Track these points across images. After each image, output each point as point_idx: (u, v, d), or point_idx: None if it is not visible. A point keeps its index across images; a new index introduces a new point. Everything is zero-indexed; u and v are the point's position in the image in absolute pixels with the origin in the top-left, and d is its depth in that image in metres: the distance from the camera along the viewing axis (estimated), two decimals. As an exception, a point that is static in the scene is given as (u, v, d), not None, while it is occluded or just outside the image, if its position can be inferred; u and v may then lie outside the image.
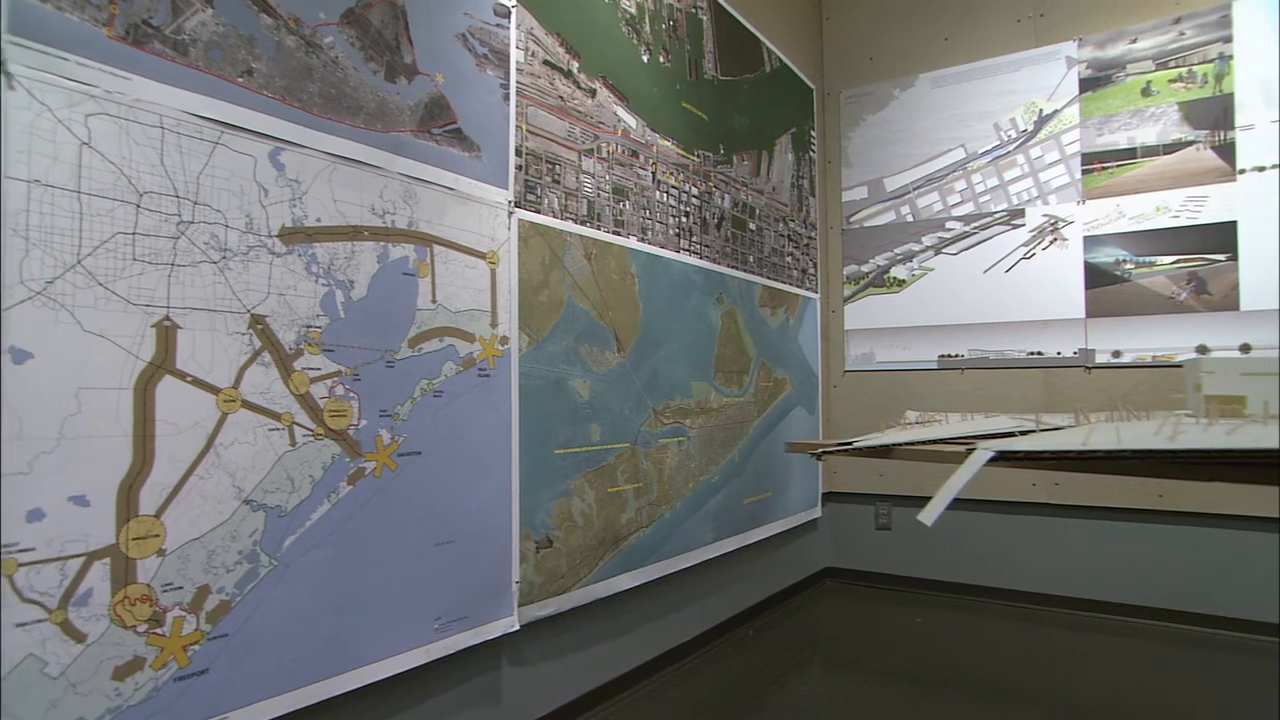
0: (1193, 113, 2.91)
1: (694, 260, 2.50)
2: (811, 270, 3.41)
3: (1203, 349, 2.94)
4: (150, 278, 1.12)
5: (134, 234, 1.10)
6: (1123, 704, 2.23)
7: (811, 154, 3.47)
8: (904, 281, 3.45)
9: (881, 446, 0.73)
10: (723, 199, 2.68)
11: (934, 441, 0.71)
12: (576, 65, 2.03)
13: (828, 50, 3.69)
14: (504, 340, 1.77)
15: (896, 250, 3.47)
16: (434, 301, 1.59)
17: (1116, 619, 2.96)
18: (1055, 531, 3.10)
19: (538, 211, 1.89)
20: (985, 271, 3.29)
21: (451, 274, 1.64)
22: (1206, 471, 0.59)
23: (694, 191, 2.52)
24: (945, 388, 3.32)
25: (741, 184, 2.81)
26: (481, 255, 1.72)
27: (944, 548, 3.31)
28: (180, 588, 1.14)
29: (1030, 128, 3.21)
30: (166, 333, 1.14)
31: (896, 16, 3.52)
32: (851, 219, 3.58)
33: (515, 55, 1.82)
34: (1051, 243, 3.16)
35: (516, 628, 1.78)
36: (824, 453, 0.82)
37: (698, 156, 2.55)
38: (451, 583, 1.61)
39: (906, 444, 0.72)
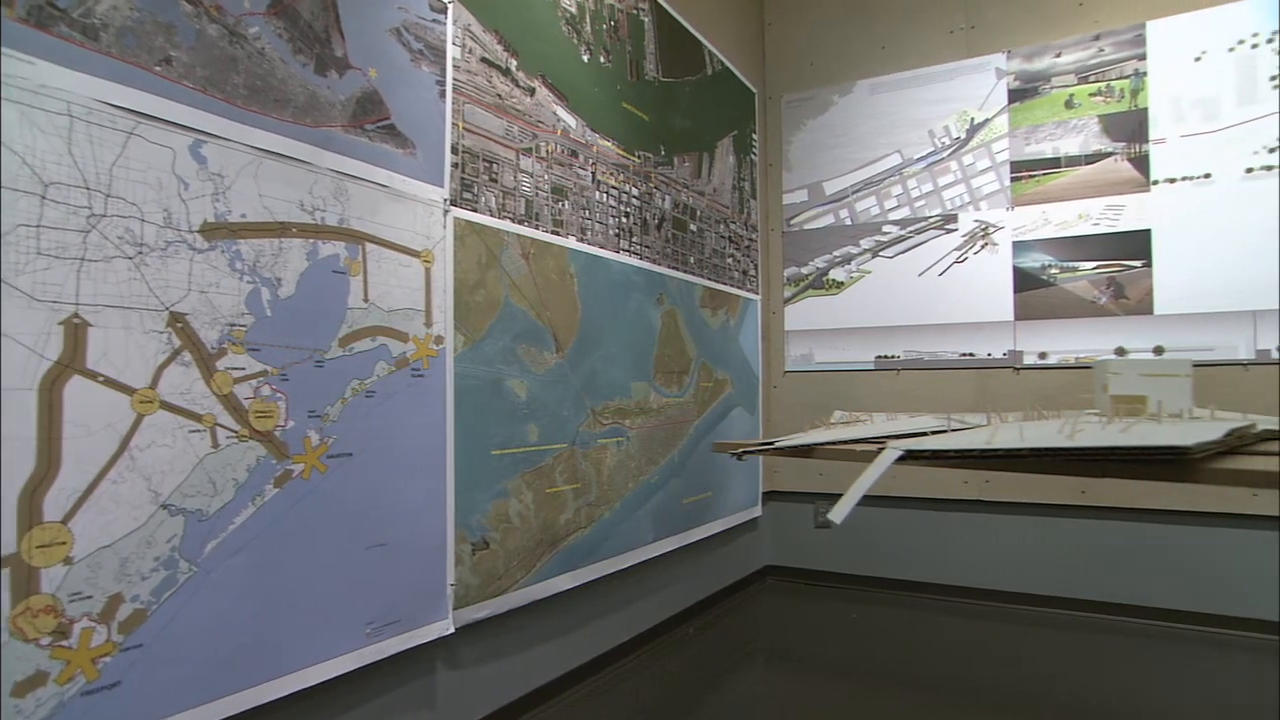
0: (1111, 126, 3.05)
1: (634, 261, 2.51)
2: (752, 272, 3.46)
3: (1120, 351, 3.07)
4: (57, 273, 1.07)
5: (38, 226, 1.05)
6: (1051, 693, 2.32)
7: (753, 157, 3.51)
8: (842, 284, 3.52)
9: (803, 446, 0.74)
10: (663, 200, 2.69)
11: (851, 441, 0.73)
12: (515, 63, 2.02)
13: (769, 55, 3.74)
14: (439, 340, 1.75)
15: (835, 253, 3.54)
16: (366, 300, 1.56)
17: (1043, 610, 3.07)
18: (986, 527, 3.21)
19: (474, 210, 1.87)
20: (920, 274, 3.38)
21: (384, 272, 1.61)
22: (1100, 468, 0.62)
23: (634, 192, 2.53)
24: (882, 388, 3.40)
25: (682, 185, 2.83)
26: (416, 254, 1.70)
27: (881, 545, 3.39)
28: (89, 597, 1.09)
29: (963, 135, 3.31)
30: (75, 330, 1.09)
31: (836, 24, 3.59)
32: (792, 221, 3.64)
33: (452, 52, 1.80)
34: (982, 247, 3.27)
35: (452, 630, 1.76)
36: (745, 452, 0.83)
37: (638, 157, 2.56)
38: (384, 586, 1.59)
39: (826, 444, 0.73)
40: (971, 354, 3.27)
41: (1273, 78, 2.78)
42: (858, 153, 3.52)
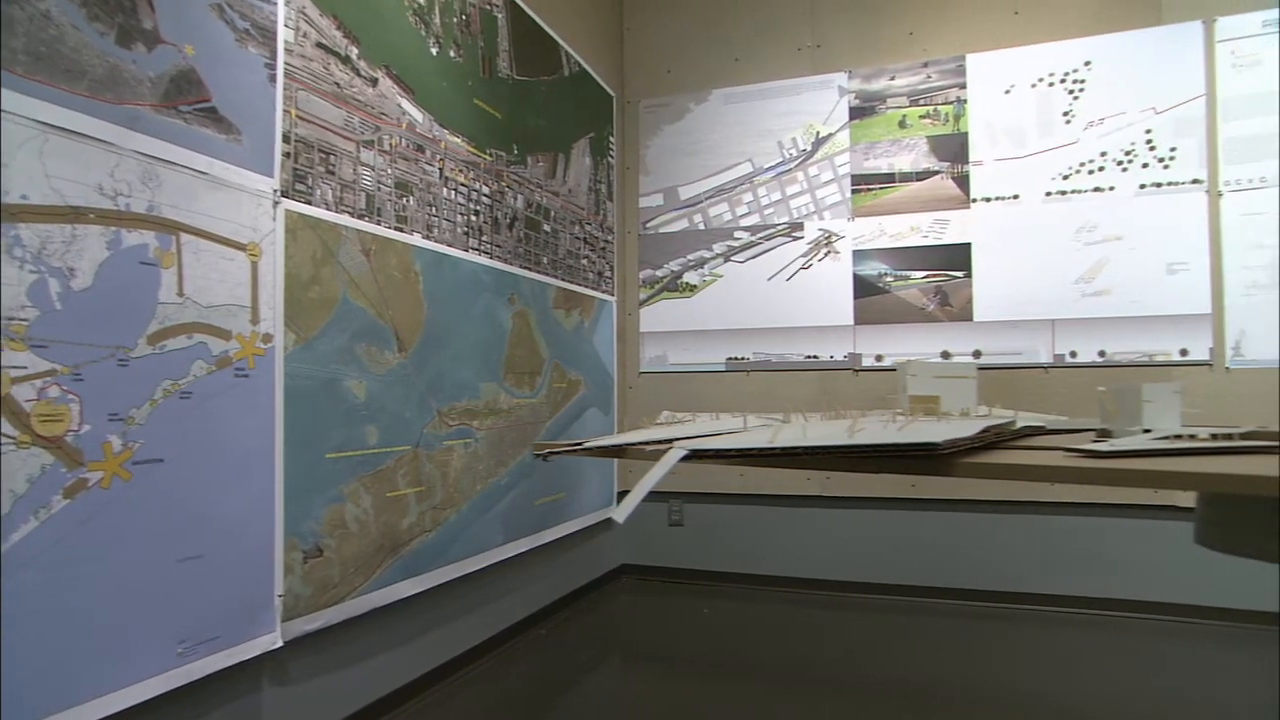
0: (938, 146, 3.31)
1: (484, 260, 2.47)
2: (608, 273, 3.49)
3: (945, 354, 3.37)
4: None
5: None
6: (891, 675, 2.49)
7: (610, 159, 3.55)
8: (695, 287, 3.63)
9: (613, 446, 0.76)
10: (516, 199, 2.67)
11: (646, 442, 0.76)
12: (356, 51, 1.94)
13: (628, 60, 3.80)
14: (267, 338, 1.65)
15: (689, 256, 3.65)
16: (181, 295, 1.45)
17: (881, 598, 3.29)
18: (827, 521, 3.40)
19: (309, 203, 1.78)
20: (769, 279, 3.53)
21: (203, 265, 1.50)
22: (875, 464, 0.68)
23: (485, 190, 2.49)
24: (733, 389, 3.53)
25: (536, 185, 2.82)
26: (241, 246, 1.59)
27: (733, 541, 3.52)
28: None
29: (809, 148, 3.50)
30: None
31: (693, 34, 3.69)
32: (648, 225, 3.72)
33: (284, 34, 1.70)
34: (826, 255, 3.46)
35: (280, 644, 1.67)
36: (551, 453, 0.84)
37: (490, 155, 2.52)
38: (199, 601, 1.48)
39: (634, 444, 0.76)
40: (816, 356, 3.45)
41: (1065, 113, 3.12)
42: (712, 160, 3.63)
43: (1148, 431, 0.85)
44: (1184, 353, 2.96)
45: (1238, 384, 2.89)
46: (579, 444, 0.82)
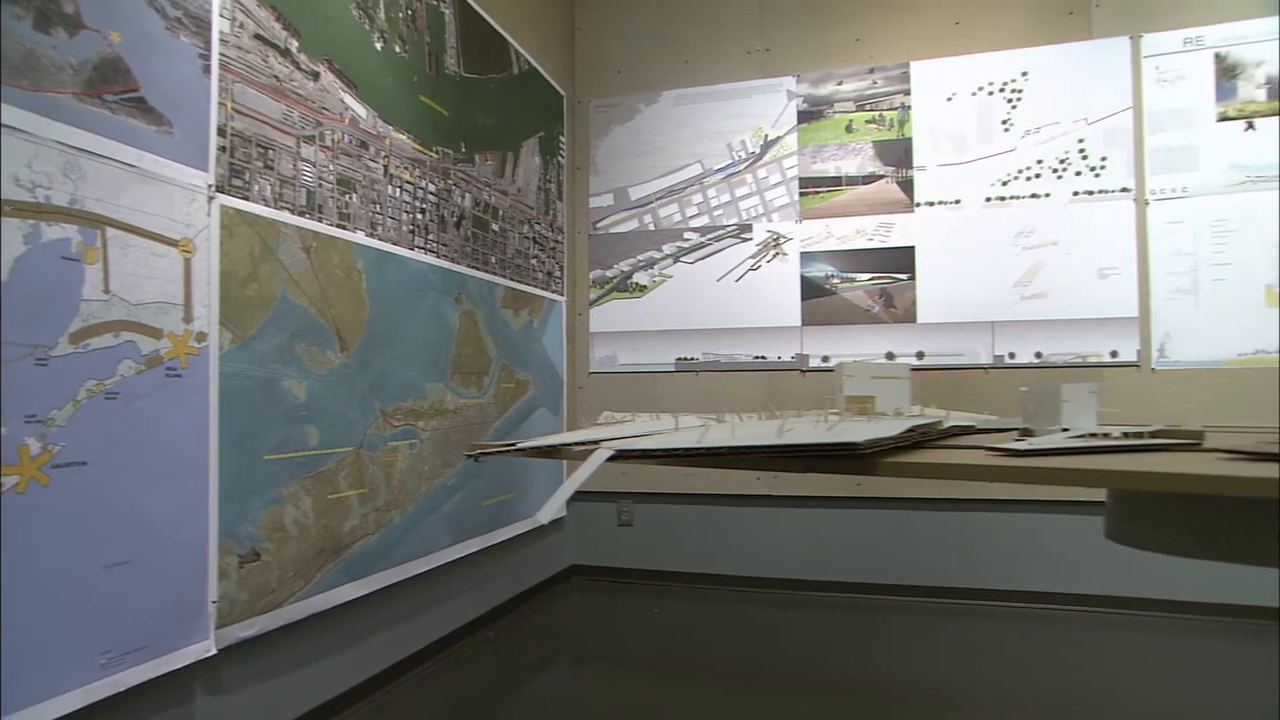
0: (883, 151, 3.38)
1: (430, 259, 2.44)
2: (558, 273, 3.48)
3: (890, 355, 3.44)
4: None
5: None
6: (839, 672, 2.53)
7: (560, 159, 3.54)
8: (645, 287, 3.64)
9: (546, 447, 0.76)
10: (463, 198, 2.65)
11: (584, 443, 0.76)
12: (296, 44, 1.90)
13: (578, 59, 3.79)
14: (201, 337, 1.61)
15: (639, 257, 3.65)
16: (107, 292, 1.40)
17: (827, 595, 3.35)
18: (775, 520, 3.44)
19: (246, 198, 1.74)
20: (718, 280, 3.56)
21: (132, 262, 1.45)
22: (803, 464, 0.69)
23: (431, 188, 2.46)
24: (682, 389, 3.55)
25: (484, 184, 2.80)
26: (173, 243, 1.55)
27: (681, 541, 3.54)
28: None
29: (758, 150, 3.54)
30: None
31: (643, 34, 3.70)
32: (598, 225, 3.71)
33: (219, 24, 1.66)
34: (774, 256, 3.51)
35: (213, 652, 1.62)
36: (483, 454, 0.84)
37: (436, 153, 2.49)
38: (126, 609, 1.43)
39: (565, 444, 0.76)
40: (764, 357, 3.49)
41: (1004, 122, 3.22)
42: (662, 160, 3.65)
43: (1066, 430, 0.88)
44: (1114, 354, 3.08)
45: (1162, 384, 3.02)
46: (512, 444, 0.82)
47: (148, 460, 1.48)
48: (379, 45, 2.22)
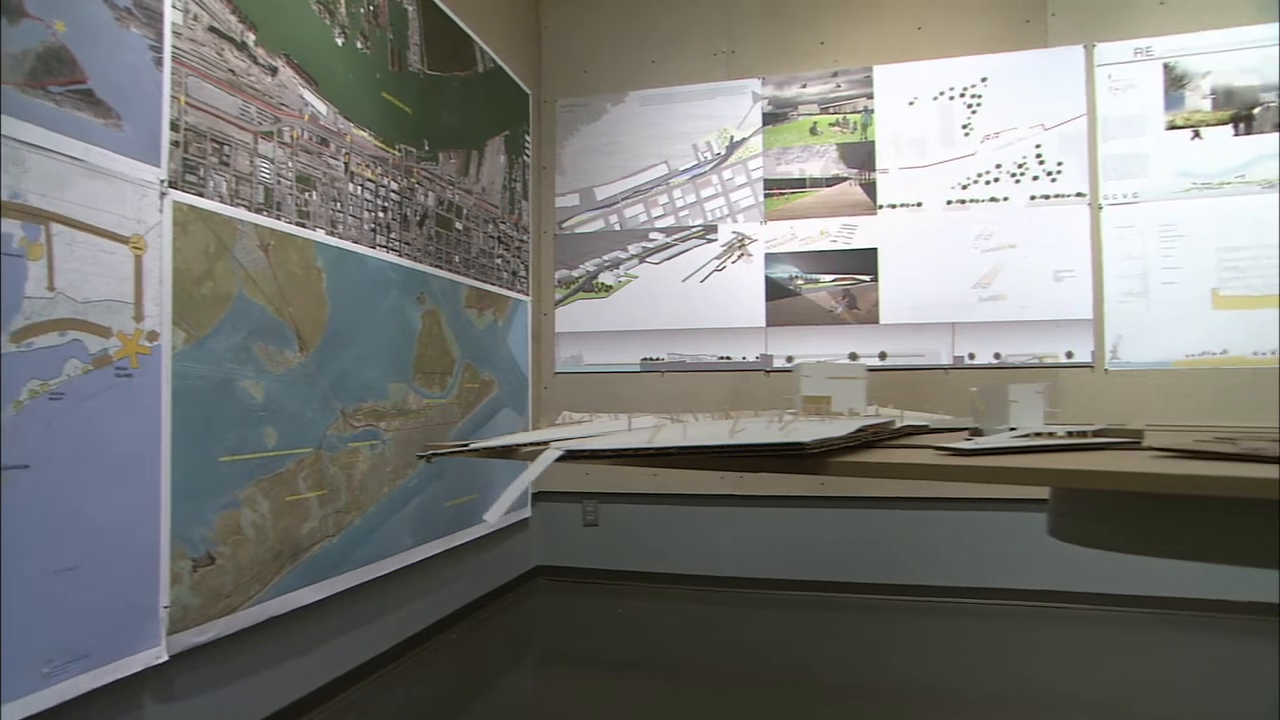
0: (847, 154, 3.42)
1: (392, 258, 2.41)
2: (523, 273, 3.46)
3: (853, 356, 3.48)
4: None
5: None
6: (803, 669, 2.55)
7: (525, 158, 3.52)
8: (611, 287, 3.64)
9: (501, 447, 0.76)
10: (426, 196, 2.62)
11: (533, 444, 0.76)
12: (253, 38, 1.86)
13: (545, 59, 3.77)
14: (152, 336, 1.57)
15: (605, 257, 3.65)
16: (51, 289, 1.36)
17: (792, 594, 3.37)
18: (740, 519, 3.46)
19: (201, 195, 1.70)
20: (683, 280, 3.57)
21: (79, 258, 1.42)
22: (753, 463, 0.70)
23: (394, 187, 2.43)
24: (647, 389, 3.55)
25: (448, 182, 2.77)
26: (123, 239, 1.51)
27: (647, 541, 3.54)
28: None
29: (723, 151, 3.56)
30: None
31: (610, 35, 3.70)
32: (563, 225, 3.70)
33: (171, 15, 1.62)
34: (739, 257, 3.53)
35: (165, 659, 1.58)
36: (435, 455, 0.83)
37: (399, 151, 2.47)
38: (73, 616, 1.39)
39: (517, 444, 0.76)
40: (728, 357, 3.51)
41: (964, 126, 3.28)
42: (628, 161, 3.65)
43: (1014, 430, 0.90)
44: (1069, 355, 3.15)
45: (1115, 384, 3.10)
46: (464, 445, 0.82)
47: (96, 463, 1.44)
48: (340, 41, 2.19)
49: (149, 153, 1.57)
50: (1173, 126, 3.08)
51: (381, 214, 2.37)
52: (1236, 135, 3.03)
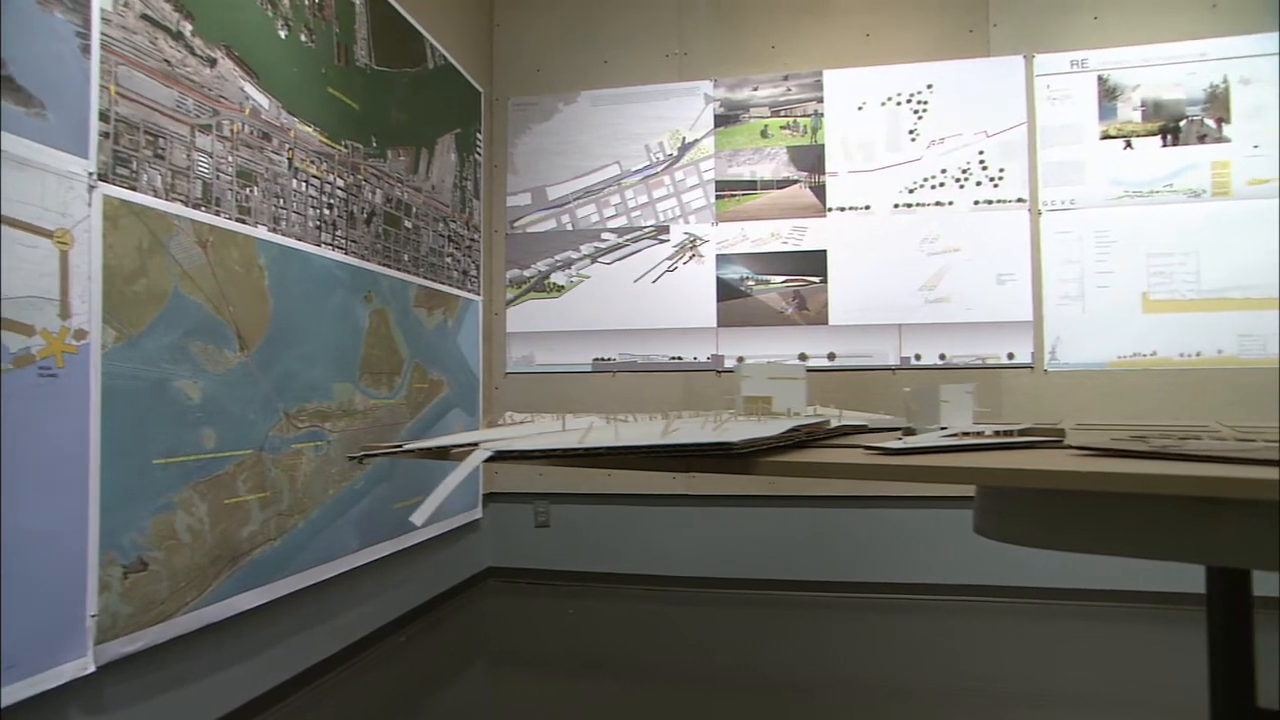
0: (797, 157, 3.47)
1: (338, 255, 2.37)
2: (474, 272, 3.43)
3: (803, 356, 3.52)
4: None
5: None
6: (754, 668, 2.57)
7: (477, 156, 3.49)
8: (563, 287, 3.63)
9: (436, 448, 0.75)
10: (374, 194, 2.58)
11: (462, 445, 0.75)
12: (190, 28, 1.81)
13: (497, 57, 3.75)
14: (80, 334, 1.51)
15: (557, 257, 3.64)
16: (-31, 285, 1.31)
17: (744, 593, 3.40)
18: (692, 519, 3.48)
19: (133, 188, 1.65)
20: (635, 281, 3.58)
21: (-1, 253, 1.36)
22: (683, 463, 0.70)
23: (340, 183, 2.39)
24: (599, 389, 3.55)
25: (397, 180, 2.73)
26: (47, 233, 1.45)
27: (599, 541, 3.54)
28: None
29: (675, 153, 3.57)
30: None
31: (562, 34, 3.69)
32: (515, 224, 3.68)
33: (100, 1, 1.57)
34: (691, 258, 3.55)
35: (91, 669, 1.53)
36: (366, 456, 0.82)
37: (345, 147, 2.42)
38: (-8, 626, 1.34)
39: (450, 445, 0.75)
40: (680, 357, 3.53)
41: (911, 131, 3.35)
42: (580, 161, 3.64)
43: (944, 429, 0.92)
44: (1011, 356, 3.24)
45: (1053, 385, 3.20)
46: (398, 446, 0.81)
47: (17, 467, 1.38)
48: (283, 33, 2.14)
49: (76, 144, 1.51)
50: (1106, 136, 3.19)
51: (327, 211, 2.32)
52: (1164, 146, 3.16)
